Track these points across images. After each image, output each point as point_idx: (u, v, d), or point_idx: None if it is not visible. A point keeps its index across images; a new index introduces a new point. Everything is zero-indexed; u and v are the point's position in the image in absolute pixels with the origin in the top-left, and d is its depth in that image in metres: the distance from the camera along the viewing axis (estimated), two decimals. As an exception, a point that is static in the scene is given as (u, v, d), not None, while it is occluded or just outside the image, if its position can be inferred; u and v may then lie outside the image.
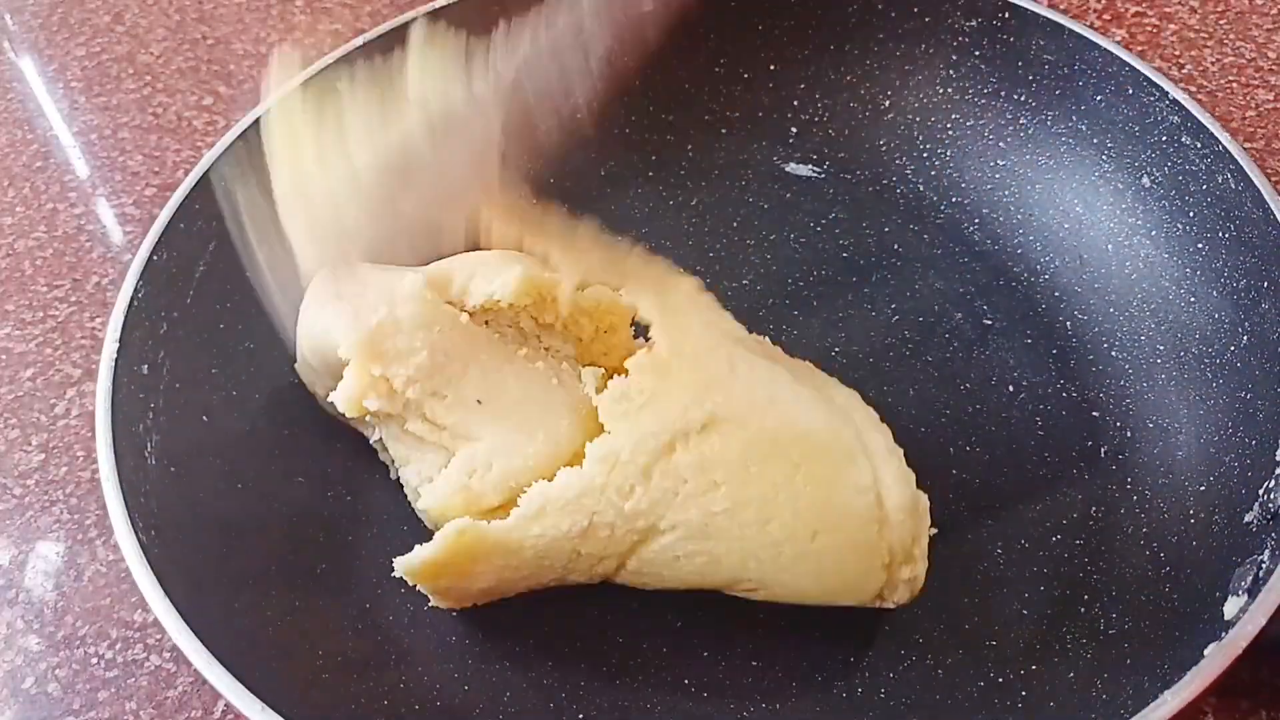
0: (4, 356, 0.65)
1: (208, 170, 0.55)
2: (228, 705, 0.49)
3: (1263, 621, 0.38)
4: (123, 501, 0.44)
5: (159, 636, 0.53)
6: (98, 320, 0.57)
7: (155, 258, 0.52)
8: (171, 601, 0.42)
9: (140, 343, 0.50)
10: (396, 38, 0.60)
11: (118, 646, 0.53)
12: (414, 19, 0.60)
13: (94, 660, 0.52)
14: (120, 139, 0.77)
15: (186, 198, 0.55)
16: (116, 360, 0.49)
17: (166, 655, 0.52)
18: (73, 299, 0.67)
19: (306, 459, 0.55)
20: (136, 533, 0.44)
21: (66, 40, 0.85)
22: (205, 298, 0.55)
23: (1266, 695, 0.48)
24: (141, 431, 0.49)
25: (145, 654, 0.52)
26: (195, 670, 0.49)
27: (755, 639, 0.49)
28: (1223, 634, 0.39)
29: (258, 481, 0.53)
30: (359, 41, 0.61)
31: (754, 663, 0.48)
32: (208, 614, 0.43)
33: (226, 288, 0.56)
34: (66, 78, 0.82)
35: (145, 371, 0.50)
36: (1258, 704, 0.48)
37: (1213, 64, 0.74)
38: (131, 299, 0.51)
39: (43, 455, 0.60)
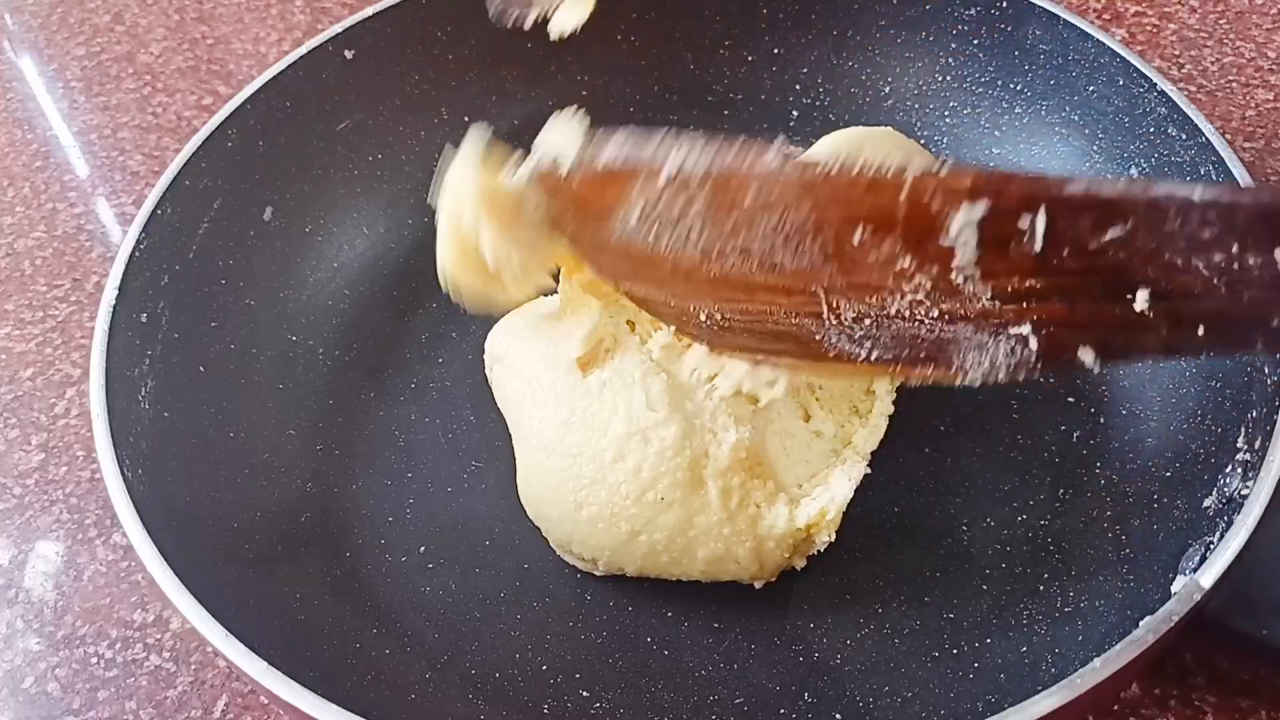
0: (4, 356, 0.65)
1: (215, 129, 0.57)
2: (228, 704, 0.51)
3: (1198, 597, 0.38)
4: (110, 437, 0.46)
5: (159, 636, 0.53)
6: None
7: (159, 211, 0.54)
8: (150, 535, 0.43)
9: (140, 292, 0.52)
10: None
11: (118, 646, 0.53)
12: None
13: (94, 660, 0.53)
14: (120, 139, 0.78)
15: (193, 155, 0.56)
16: (115, 306, 0.51)
17: (166, 655, 0.53)
18: (73, 299, 0.68)
19: (299, 413, 0.57)
20: (122, 469, 0.45)
21: (66, 40, 0.86)
22: (208, 254, 0.57)
23: (1266, 695, 0.48)
24: (137, 376, 0.50)
25: (145, 654, 0.53)
26: (195, 670, 0.52)
27: (717, 602, 0.50)
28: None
29: (249, 432, 0.55)
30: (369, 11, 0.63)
31: (715, 624, 0.50)
32: (185, 550, 0.44)
33: (230, 245, 0.58)
34: (66, 78, 0.83)
35: (144, 320, 0.52)
36: (1258, 704, 0.48)
37: (1212, 64, 0.74)
38: (134, 249, 0.52)
39: (43, 455, 0.61)
